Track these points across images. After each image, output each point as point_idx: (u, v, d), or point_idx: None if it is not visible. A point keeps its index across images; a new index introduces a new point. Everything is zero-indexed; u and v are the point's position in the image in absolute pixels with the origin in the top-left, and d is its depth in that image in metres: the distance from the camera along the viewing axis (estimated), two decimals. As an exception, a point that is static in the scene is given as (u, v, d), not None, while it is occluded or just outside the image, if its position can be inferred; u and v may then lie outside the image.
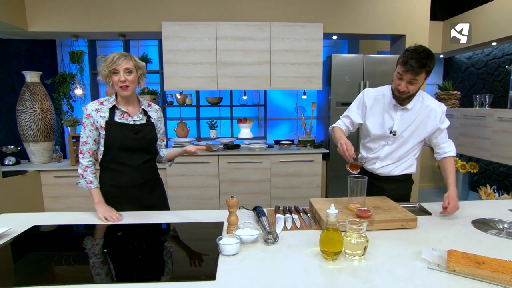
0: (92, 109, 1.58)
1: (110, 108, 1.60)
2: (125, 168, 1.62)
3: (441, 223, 1.46)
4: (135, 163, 1.64)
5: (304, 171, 3.51)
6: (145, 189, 1.69)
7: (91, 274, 1.03)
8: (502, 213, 1.58)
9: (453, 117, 4.02)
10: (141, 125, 1.64)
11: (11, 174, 3.12)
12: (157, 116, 1.74)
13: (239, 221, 1.36)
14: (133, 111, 1.65)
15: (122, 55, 1.54)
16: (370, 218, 1.36)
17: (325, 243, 1.10)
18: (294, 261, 1.10)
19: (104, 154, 1.61)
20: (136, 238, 1.29)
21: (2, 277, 1.01)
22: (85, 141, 1.59)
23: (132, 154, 1.63)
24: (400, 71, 1.53)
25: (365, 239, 1.11)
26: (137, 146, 1.62)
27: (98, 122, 1.58)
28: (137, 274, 1.02)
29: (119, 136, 1.58)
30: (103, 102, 1.62)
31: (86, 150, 1.60)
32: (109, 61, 1.51)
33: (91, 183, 1.59)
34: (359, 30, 3.51)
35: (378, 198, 1.65)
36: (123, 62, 1.51)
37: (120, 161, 1.61)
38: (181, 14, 3.40)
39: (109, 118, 1.58)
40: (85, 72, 4.39)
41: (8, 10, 3.13)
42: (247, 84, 3.48)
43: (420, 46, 1.51)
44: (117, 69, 1.51)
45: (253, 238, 1.23)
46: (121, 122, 1.60)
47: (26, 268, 1.07)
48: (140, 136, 1.62)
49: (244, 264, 1.09)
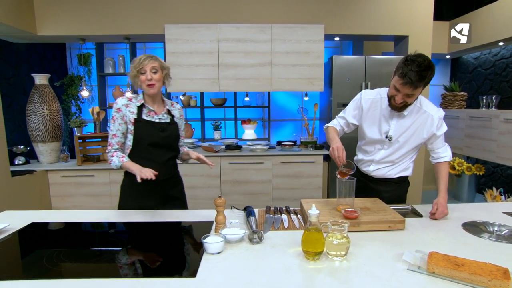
0: (122, 103, 1.66)
1: (138, 106, 1.67)
2: (151, 164, 1.65)
3: (431, 225, 1.45)
4: (160, 159, 1.71)
5: (305, 172, 3.52)
6: (167, 185, 1.77)
7: (78, 269, 1.07)
8: (496, 216, 1.56)
9: (458, 119, 3.96)
10: (166, 123, 1.73)
11: (20, 173, 3.23)
12: (179, 115, 1.82)
13: (228, 220, 1.39)
14: (159, 110, 1.73)
15: (148, 56, 1.63)
16: (357, 219, 1.37)
17: (307, 243, 1.11)
18: (275, 260, 1.12)
19: (132, 149, 1.68)
20: (126, 235, 1.34)
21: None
22: (115, 134, 1.67)
23: (157, 151, 1.70)
24: (398, 84, 1.48)
25: (346, 239, 1.12)
26: (163, 143, 1.71)
27: (127, 117, 1.66)
28: (120, 270, 1.06)
29: (147, 133, 1.66)
30: (132, 98, 1.69)
31: (116, 142, 1.68)
32: (136, 62, 1.62)
33: (123, 157, 1.65)
34: (361, 31, 3.49)
35: (369, 200, 1.66)
36: (149, 62, 1.61)
37: (147, 157, 1.68)
38: (184, 17, 3.45)
39: (137, 115, 1.66)
40: (92, 74, 4.50)
41: (19, 16, 3.24)
42: (249, 86, 3.51)
43: (420, 55, 1.45)
44: (144, 68, 1.60)
45: (238, 237, 1.26)
46: (148, 119, 1.68)
47: (20, 262, 1.12)
48: (165, 134, 1.71)
49: (227, 262, 1.11)
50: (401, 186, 1.82)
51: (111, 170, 3.50)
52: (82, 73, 4.43)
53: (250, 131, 4.32)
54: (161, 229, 1.46)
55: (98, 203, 3.56)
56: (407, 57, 1.47)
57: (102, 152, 3.75)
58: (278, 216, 1.55)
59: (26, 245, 1.29)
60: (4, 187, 2.94)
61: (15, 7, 3.19)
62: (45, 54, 4.38)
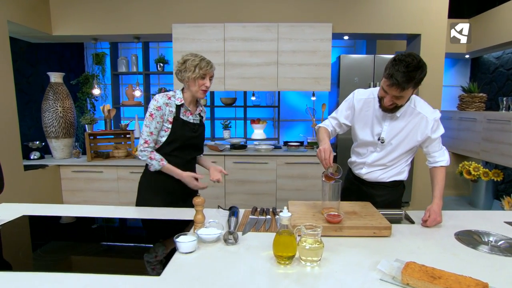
0: (163, 102, 1.65)
1: (177, 105, 1.67)
2: (176, 160, 1.69)
3: (421, 233, 1.38)
4: (185, 158, 1.74)
5: (310, 174, 3.45)
6: (184, 183, 1.76)
7: (42, 262, 1.09)
8: (497, 226, 1.45)
9: (476, 121, 3.75)
10: (197, 124, 1.76)
11: (33, 167, 3.37)
12: (205, 117, 1.88)
13: (209, 220, 1.38)
14: (193, 110, 1.75)
15: (210, 62, 1.65)
16: (340, 223, 1.32)
17: (277, 247, 1.08)
18: (246, 263, 1.09)
19: (163, 145, 1.70)
20: (104, 230, 1.35)
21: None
22: (152, 131, 1.66)
23: (185, 150, 1.73)
24: (385, 85, 1.41)
25: (320, 245, 1.08)
26: (192, 143, 1.74)
27: (166, 116, 1.66)
28: (86, 265, 1.07)
29: (183, 132, 1.69)
30: (171, 97, 1.68)
31: (153, 140, 1.68)
32: (203, 65, 1.60)
33: (162, 160, 1.66)
34: (371, 29, 3.38)
35: (360, 204, 1.59)
36: (212, 70, 1.66)
37: (175, 154, 1.70)
38: (191, 17, 3.48)
39: (176, 114, 1.67)
40: (106, 73, 4.64)
41: (35, 17, 3.39)
42: (254, 85, 3.49)
43: (410, 55, 1.36)
44: (206, 75, 1.63)
45: (214, 238, 1.24)
46: (185, 120, 1.70)
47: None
48: (197, 134, 1.75)
49: (196, 262, 1.10)
50: (395, 190, 1.73)
51: (119, 166, 3.59)
52: (96, 72, 4.57)
53: (260, 131, 4.29)
54: (141, 226, 1.47)
55: (107, 199, 3.65)
56: (395, 57, 1.39)
57: (112, 149, 3.85)
58: (262, 217, 1.52)
59: (8, 238, 1.33)
60: (17, 180, 3.07)
61: (31, 8, 3.34)
62: (63, 53, 4.55)
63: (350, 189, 1.86)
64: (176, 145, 1.69)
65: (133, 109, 4.68)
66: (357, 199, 1.68)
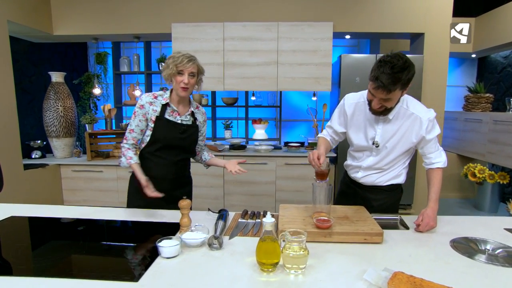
0: (146, 101, 1.62)
1: (162, 104, 1.63)
2: (161, 161, 1.66)
3: (415, 239, 1.32)
4: (172, 159, 1.68)
5: (310, 175, 3.40)
6: (175, 185, 1.73)
7: (19, 266, 1.07)
8: (496, 233, 1.39)
9: (481, 122, 3.66)
10: (187, 125, 1.69)
11: (33, 167, 3.39)
12: (202, 119, 1.79)
13: (200, 223, 1.34)
14: (183, 110, 1.69)
15: (190, 58, 1.57)
16: (329, 229, 1.27)
17: (260, 254, 1.04)
18: (228, 269, 1.06)
19: (146, 145, 1.67)
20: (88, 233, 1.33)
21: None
22: (133, 129, 1.65)
23: (171, 151, 1.68)
24: (371, 88, 1.37)
25: (304, 252, 1.04)
26: (178, 144, 1.68)
27: (149, 114, 1.63)
28: (60, 269, 1.05)
29: (166, 132, 1.64)
30: (157, 96, 1.65)
31: (131, 138, 1.66)
32: (178, 61, 1.54)
33: (130, 159, 1.62)
34: (373, 28, 3.31)
35: (353, 208, 1.54)
36: (190, 66, 1.56)
37: (158, 154, 1.67)
38: (191, 16, 3.46)
39: (160, 113, 1.63)
40: (108, 73, 4.65)
41: (36, 16, 3.40)
42: (254, 85, 3.45)
43: (396, 55, 1.31)
44: (184, 71, 1.55)
45: (198, 242, 1.21)
46: (170, 119, 1.65)
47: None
48: (184, 136, 1.68)
49: (177, 268, 1.07)
50: (392, 194, 1.68)
51: (118, 166, 3.59)
52: (99, 71, 4.58)
53: (261, 131, 4.25)
54: (126, 228, 1.45)
55: (106, 198, 3.66)
56: (380, 58, 1.34)
57: (112, 149, 3.86)
58: (252, 221, 1.48)
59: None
60: (16, 179, 3.09)
61: (32, 8, 3.35)
62: (66, 53, 4.57)
63: (346, 192, 1.81)
64: (159, 145, 1.65)
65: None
66: (354, 203, 1.64)
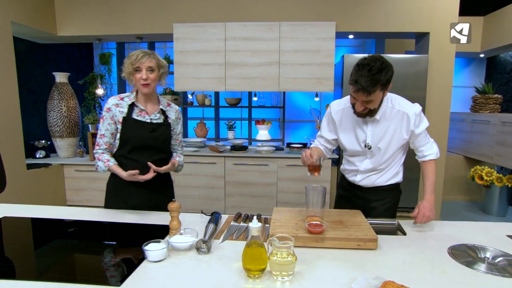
0: (112, 103, 1.61)
1: (129, 105, 1.61)
2: (135, 164, 1.61)
3: (411, 246, 1.28)
4: (145, 160, 1.62)
5: (312, 177, 3.35)
6: (152, 187, 1.68)
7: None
8: (498, 240, 1.33)
9: (489, 124, 3.56)
10: (157, 124, 1.66)
11: (36, 166, 3.42)
12: (175, 117, 1.74)
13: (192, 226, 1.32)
14: (152, 109, 1.66)
15: (145, 53, 1.55)
16: (322, 234, 1.24)
17: (246, 259, 1.01)
18: (213, 274, 1.03)
19: (118, 148, 1.64)
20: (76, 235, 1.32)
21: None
22: (103, 134, 1.62)
23: (143, 152, 1.63)
24: (352, 91, 1.39)
25: (292, 258, 1.01)
26: (150, 144, 1.64)
27: (116, 117, 1.60)
28: (43, 271, 1.04)
29: (134, 132, 1.61)
30: (124, 98, 1.63)
31: (103, 143, 1.63)
32: (133, 59, 1.53)
33: (108, 161, 1.60)
34: (376, 28, 3.25)
35: (349, 212, 1.50)
36: (146, 61, 1.53)
37: (131, 157, 1.63)
38: (192, 16, 3.45)
39: (127, 114, 1.60)
40: (112, 73, 4.67)
41: (39, 17, 3.44)
42: (255, 85, 3.42)
43: (372, 57, 1.35)
44: (140, 67, 1.53)
45: (186, 246, 1.18)
46: (138, 119, 1.62)
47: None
48: (154, 134, 1.64)
49: (162, 272, 1.04)
50: (393, 194, 1.66)
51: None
52: (103, 72, 4.61)
53: (264, 132, 4.21)
54: (115, 231, 1.43)
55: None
56: (358, 62, 1.37)
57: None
58: (244, 225, 1.45)
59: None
60: (19, 179, 3.12)
61: (36, 9, 3.39)
62: (72, 53, 4.62)
63: (345, 196, 1.78)
64: (130, 147, 1.61)
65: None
66: (354, 206, 1.61)
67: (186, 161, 3.46)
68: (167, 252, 1.14)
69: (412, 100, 1.57)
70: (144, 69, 1.53)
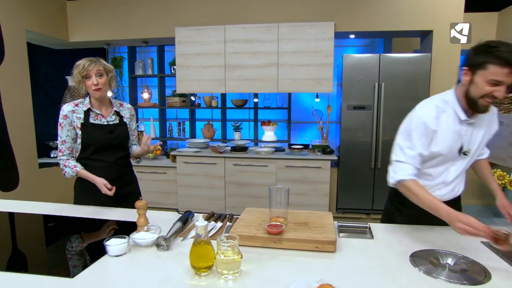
0: (68, 110, 1.71)
1: (85, 111, 1.72)
2: (99, 164, 1.73)
3: (374, 250, 1.25)
4: (109, 159, 1.76)
5: (311, 178, 3.33)
6: (119, 183, 1.78)
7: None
8: (471, 246, 1.28)
9: (502, 125, 3.37)
10: (114, 125, 1.77)
11: (49, 165, 3.63)
12: (129, 114, 1.86)
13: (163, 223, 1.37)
14: (106, 112, 1.77)
15: (91, 60, 1.66)
16: (280, 235, 1.24)
17: (193, 258, 1.04)
18: (164, 270, 1.07)
19: (80, 151, 1.75)
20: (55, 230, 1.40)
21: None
22: (64, 140, 1.72)
23: (106, 152, 1.75)
24: (500, 75, 1.17)
25: (237, 256, 1.03)
26: (111, 144, 1.75)
27: (75, 122, 1.71)
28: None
29: (95, 136, 1.71)
30: (78, 104, 1.74)
31: (66, 148, 1.73)
32: (81, 68, 1.63)
33: (76, 167, 1.71)
34: (378, 27, 3.18)
35: (319, 214, 1.49)
36: (94, 67, 1.64)
37: (95, 158, 1.74)
38: (193, 20, 3.53)
39: (84, 120, 1.71)
40: (124, 76, 4.86)
41: (53, 25, 3.66)
42: (254, 87, 3.45)
43: (497, 40, 1.21)
44: (89, 74, 1.64)
45: (148, 242, 1.23)
46: (96, 123, 1.73)
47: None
48: (114, 135, 1.76)
49: (118, 266, 1.10)
50: (457, 205, 1.50)
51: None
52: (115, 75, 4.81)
53: (270, 133, 4.22)
54: (86, 226, 1.50)
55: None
56: (487, 44, 1.20)
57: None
58: (213, 223, 1.48)
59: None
60: (31, 177, 3.33)
61: (49, 17, 3.61)
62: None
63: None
64: (92, 149, 1.71)
65: (150, 111, 4.83)
66: None
67: (188, 161, 3.57)
68: (127, 248, 1.19)
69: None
70: (93, 75, 1.63)
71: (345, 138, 3.34)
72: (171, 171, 3.66)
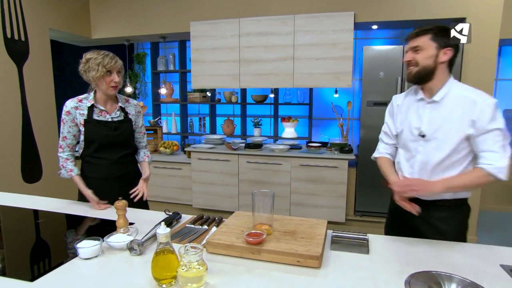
0: (71, 106, 1.69)
1: (89, 107, 1.69)
2: (102, 162, 1.71)
3: (363, 268, 1.10)
4: (112, 157, 1.73)
5: (327, 178, 3.15)
6: (122, 182, 1.78)
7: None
8: (490, 269, 1.08)
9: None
10: (119, 121, 1.73)
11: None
12: (135, 111, 1.81)
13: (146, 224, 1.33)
14: (111, 108, 1.73)
15: (113, 56, 1.60)
16: (259, 245, 1.14)
17: (154, 268, 0.97)
18: (129, 277, 1.01)
19: (84, 148, 1.74)
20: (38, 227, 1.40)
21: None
22: (65, 136, 1.69)
23: (110, 149, 1.73)
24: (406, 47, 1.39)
25: (202, 267, 0.94)
26: (115, 141, 1.72)
27: (77, 119, 1.68)
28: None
29: (98, 133, 1.69)
30: (82, 99, 1.71)
31: (66, 145, 1.71)
32: (106, 62, 1.57)
33: (71, 171, 1.70)
34: (403, 16, 2.90)
35: (311, 222, 1.36)
36: (117, 64, 1.60)
37: (98, 155, 1.72)
38: (208, 14, 3.47)
39: (87, 116, 1.68)
40: (147, 72, 4.95)
41: (76, 23, 3.78)
42: (269, 82, 3.32)
43: None
44: (112, 70, 1.60)
45: (121, 245, 1.18)
46: (99, 119, 1.70)
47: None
48: (118, 132, 1.72)
49: (84, 270, 1.06)
50: (458, 212, 1.37)
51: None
52: (138, 71, 4.91)
53: (290, 129, 4.07)
54: (71, 224, 1.49)
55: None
56: None
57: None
58: (199, 227, 1.41)
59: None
60: (54, 172, 3.48)
61: (73, 16, 3.73)
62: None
63: (398, 221, 1.50)
64: (95, 146, 1.67)
65: (173, 106, 4.87)
66: (410, 232, 1.38)
67: (201, 158, 3.54)
68: (99, 250, 1.15)
69: None
70: (115, 72, 1.59)
71: (364, 136, 3.12)
72: (186, 167, 3.66)
